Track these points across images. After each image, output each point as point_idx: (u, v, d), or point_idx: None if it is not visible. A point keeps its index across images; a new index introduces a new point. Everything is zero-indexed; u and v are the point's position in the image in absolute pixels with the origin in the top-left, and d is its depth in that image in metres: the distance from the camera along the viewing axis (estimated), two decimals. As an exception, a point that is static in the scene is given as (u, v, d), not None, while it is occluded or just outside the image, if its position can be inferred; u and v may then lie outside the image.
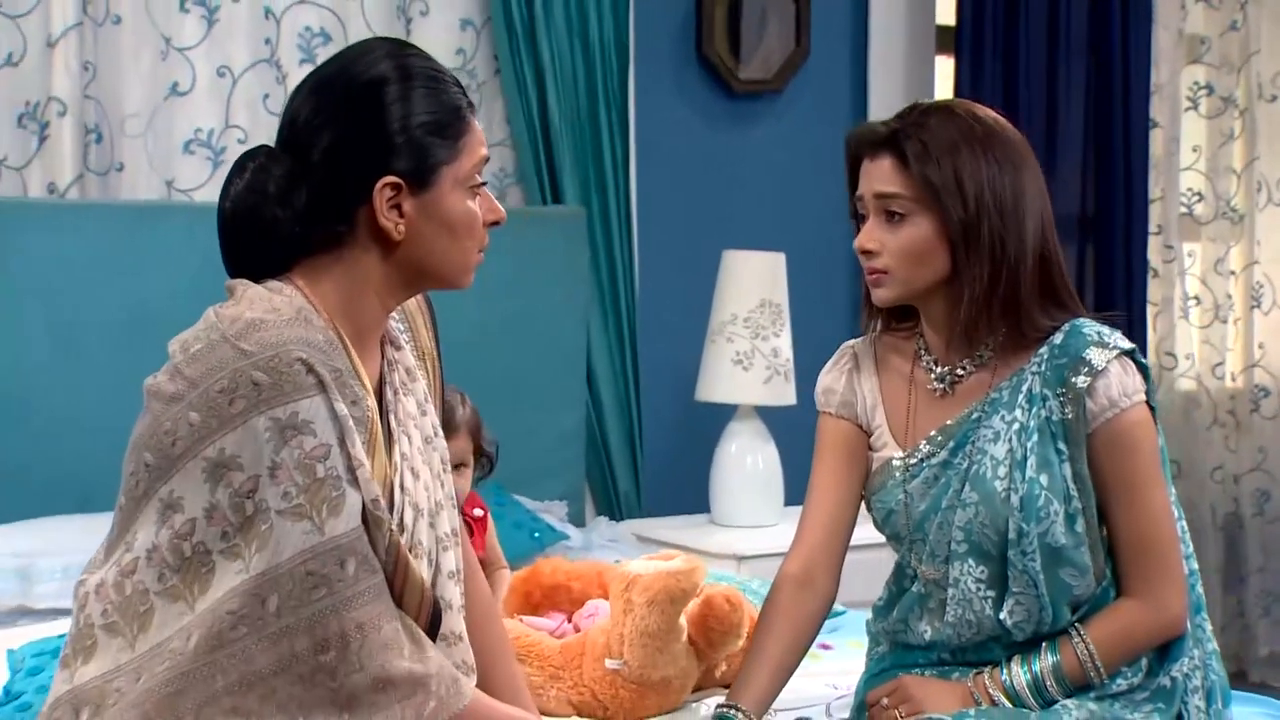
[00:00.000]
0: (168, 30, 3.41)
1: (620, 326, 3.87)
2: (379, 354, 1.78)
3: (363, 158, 1.67)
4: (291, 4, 3.54)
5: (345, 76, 1.70)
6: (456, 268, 1.75)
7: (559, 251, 3.71)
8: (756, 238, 3.91)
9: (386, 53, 1.72)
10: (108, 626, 1.62)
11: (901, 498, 2.03)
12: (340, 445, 1.61)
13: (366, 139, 1.67)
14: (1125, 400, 1.95)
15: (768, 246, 3.81)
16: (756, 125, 4.19)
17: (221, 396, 1.58)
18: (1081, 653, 1.96)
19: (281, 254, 1.70)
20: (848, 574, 2.11)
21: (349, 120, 1.68)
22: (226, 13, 3.46)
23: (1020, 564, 1.94)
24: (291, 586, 1.57)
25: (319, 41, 3.57)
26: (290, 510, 1.58)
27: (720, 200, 4.12)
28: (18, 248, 3.15)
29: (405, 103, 1.68)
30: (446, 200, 1.71)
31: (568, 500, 3.67)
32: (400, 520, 1.70)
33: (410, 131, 1.67)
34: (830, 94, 4.30)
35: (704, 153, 4.11)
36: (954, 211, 1.93)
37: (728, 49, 4.11)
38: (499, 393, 3.54)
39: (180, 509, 1.60)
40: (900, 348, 2.09)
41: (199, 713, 1.57)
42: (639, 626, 2.14)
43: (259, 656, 1.57)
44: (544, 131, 3.77)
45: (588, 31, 3.81)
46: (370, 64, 1.70)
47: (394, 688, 1.61)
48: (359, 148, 1.67)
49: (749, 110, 4.17)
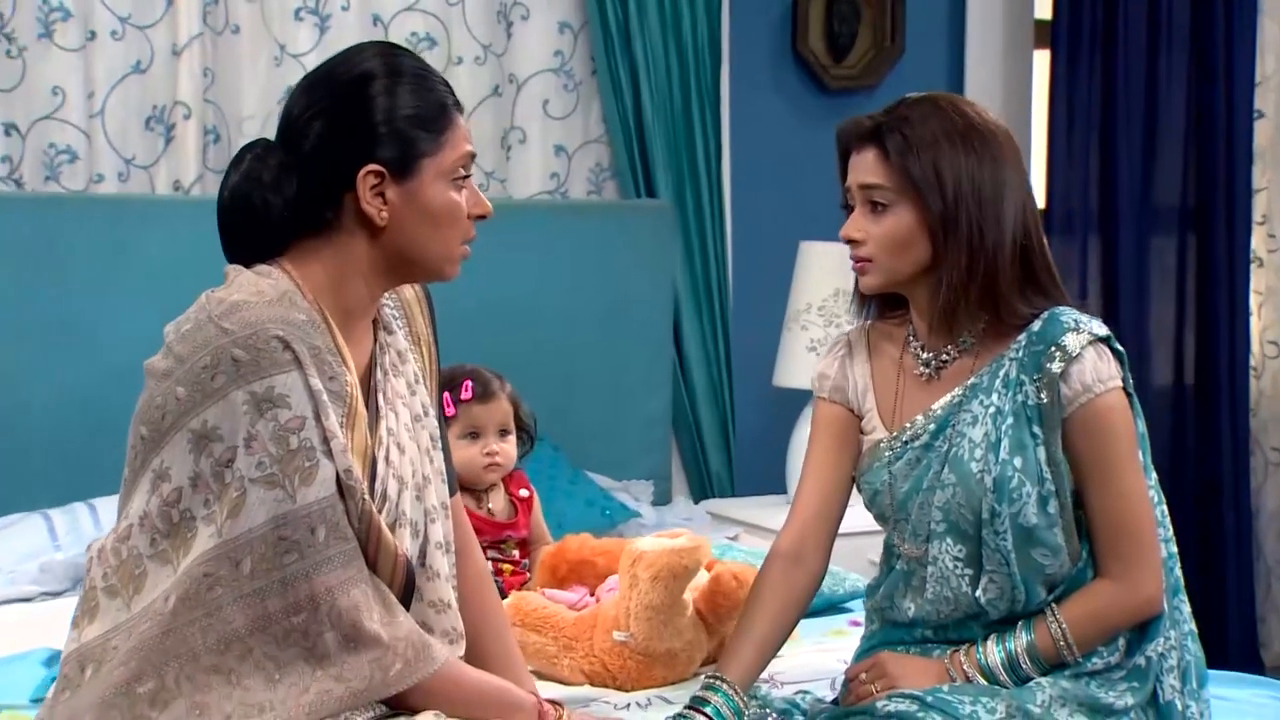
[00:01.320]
0: (283, 38, 3.68)
1: (712, 315, 4.05)
2: (370, 337, 1.88)
3: (349, 146, 1.77)
4: (398, 11, 3.79)
5: (337, 72, 1.81)
6: (439, 256, 1.84)
7: (648, 243, 3.89)
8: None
9: (376, 52, 1.83)
10: (108, 589, 1.73)
11: (886, 478, 2.10)
12: (315, 418, 1.69)
13: (353, 128, 1.77)
14: (1099, 385, 2.00)
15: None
16: (852, 121, 4.31)
17: (205, 372, 1.68)
18: (1055, 632, 2.02)
19: (273, 239, 1.80)
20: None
21: (337, 111, 1.78)
22: (337, 21, 3.72)
23: (993, 543, 2.00)
24: (265, 550, 1.66)
25: (424, 46, 3.81)
26: (263, 479, 1.67)
27: (809, 194, 4.26)
28: (146, 241, 3.41)
29: (390, 96, 1.78)
30: (428, 190, 1.80)
31: (654, 480, 3.87)
32: (383, 491, 1.79)
33: (395, 123, 1.77)
34: (926, 89, 4.38)
35: (796, 148, 4.24)
36: (932, 202, 2.00)
37: (823, 47, 4.25)
38: (589, 378, 3.78)
39: (168, 478, 1.70)
40: (892, 334, 2.17)
41: (180, 670, 1.66)
42: (643, 600, 2.26)
43: (236, 616, 1.66)
44: (638, 128, 3.96)
45: (681, 31, 3.98)
46: (360, 61, 1.81)
47: (363, 647, 1.69)
48: (345, 137, 1.77)
49: (842, 107, 4.29)
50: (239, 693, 1.67)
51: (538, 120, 3.94)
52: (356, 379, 1.79)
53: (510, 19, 3.91)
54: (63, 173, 3.50)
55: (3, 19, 3.42)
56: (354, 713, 1.71)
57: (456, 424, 2.67)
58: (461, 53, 3.86)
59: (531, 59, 3.93)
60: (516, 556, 2.71)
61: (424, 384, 1.96)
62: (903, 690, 1.99)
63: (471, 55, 3.87)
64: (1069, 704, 1.99)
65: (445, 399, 2.65)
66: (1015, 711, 1.95)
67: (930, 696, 1.96)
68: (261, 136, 1.89)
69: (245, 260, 1.82)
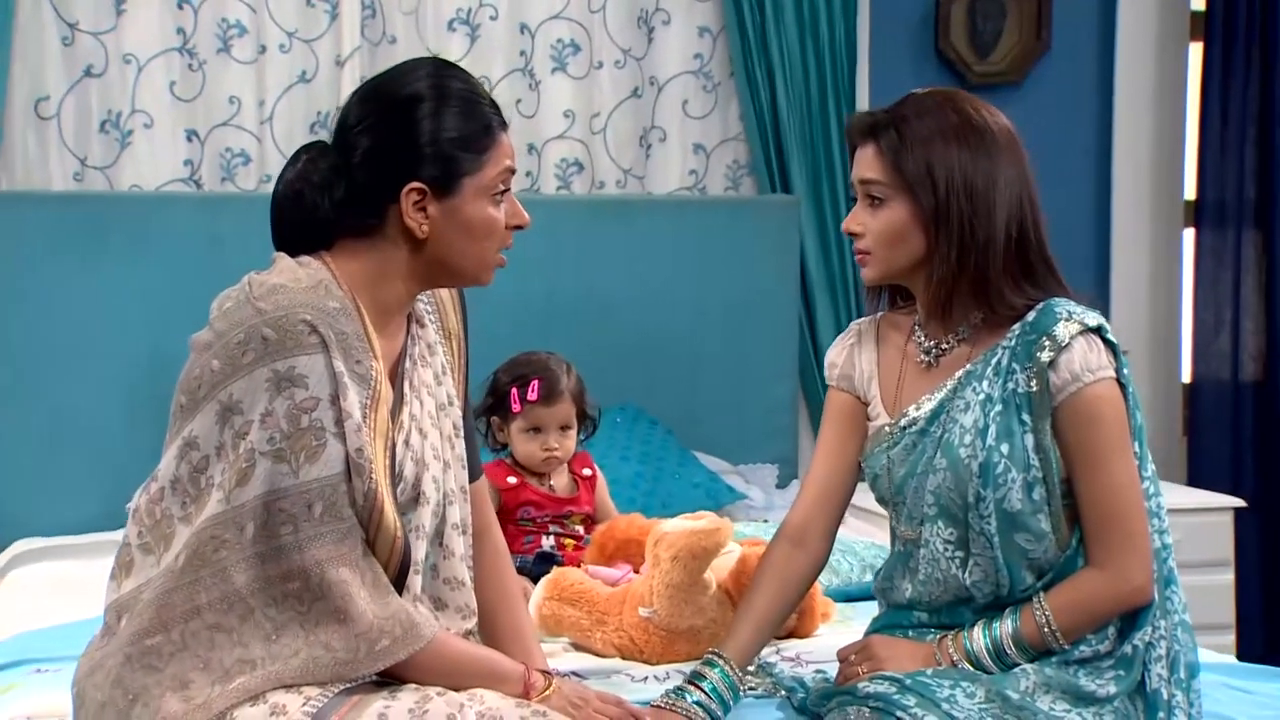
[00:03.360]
0: (436, 47, 3.95)
1: (847, 305, 4.18)
2: (404, 330, 1.98)
3: (394, 163, 1.88)
4: (545, 20, 4.04)
5: (389, 90, 1.91)
6: (475, 265, 1.94)
7: (774, 236, 4.06)
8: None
9: (428, 72, 1.92)
10: (142, 546, 1.83)
11: (885, 463, 2.16)
12: (332, 399, 1.78)
13: (399, 148, 1.88)
14: (1088, 375, 2.04)
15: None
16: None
17: (238, 348, 1.78)
18: (1040, 619, 2.05)
19: (319, 235, 1.90)
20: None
21: (386, 130, 1.88)
22: (486, 30, 4.00)
23: (978, 526, 2.06)
24: (266, 518, 1.76)
25: (569, 52, 4.06)
26: (272, 452, 1.76)
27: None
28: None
29: (436, 119, 1.88)
30: (468, 207, 1.90)
31: (778, 464, 4.04)
32: (401, 472, 1.88)
33: (439, 145, 1.87)
34: (1072, 84, 4.43)
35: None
36: (924, 197, 2.07)
37: (966, 44, 4.32)
38: (714, 364, 3.97)
39: (197, 446, 1.80)
40: (900, 324, 2.23)
41: (185, 625, 1.76)
42: (664, 579, 2.37)
43: (237, 576, 1.76)
44: (774, 127, 4.12)
45: (819, 32, 4.13)
46: (411, 81, 1.91)
47: (350, 622, 1.78)
48: (392, 155, 1.88)
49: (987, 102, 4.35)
50: (239, 650, 1.77)
51: (677, 120, 4.14)
52: (383, 366, 1.88)
53: (651, 24, 4.11)
54: (237, 174, 3.88)
55: (186, 35, 3.81)
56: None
57: (521, 419, 2.87)
58: (602, 57, 4.09)
59: (672, 61, 4.14)
60: (580, 532, 2.89)
61: (450, 376, 2.06)
62: (885, 673, 2.04)
63: (611, 59, 4.10)
64: (1053, 691, 2.02)
65: (513, 395, 2.87)
66: (995, 697, 1.98)
67: (910, 679, 2.00)
68: (319, 139, 2.02)
69: (292, 250, 1.92)
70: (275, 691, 1.77)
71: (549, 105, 4.06)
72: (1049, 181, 4.23)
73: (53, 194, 3.73)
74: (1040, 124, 4.36)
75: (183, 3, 3.80)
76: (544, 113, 4.06)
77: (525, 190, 4.06)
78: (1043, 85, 4.39)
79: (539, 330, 3.81)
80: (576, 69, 4.08)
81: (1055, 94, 4.40)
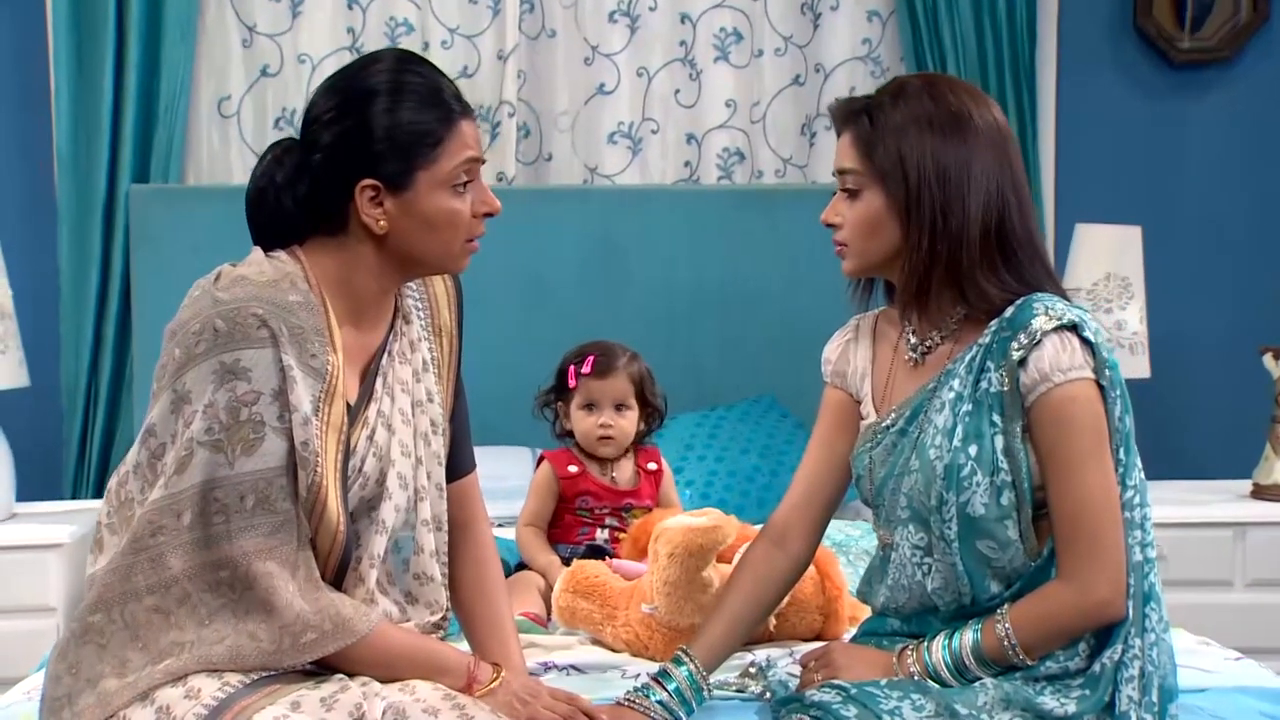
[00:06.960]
0: (595, 39, 3.99)
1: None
2: (385, 324, 1.99)
3: (349, 161, 1.88)
4: (706, 9, 4.01)
5: (347, 85, 1.92)
6: (440, 256, 1.94)
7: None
8: (1181, 213, 3.92)
9: (386, 66, 1.92)
10: (109, 525, 1.88)
11: (868, 463, 2.09)
12: (275, 394, 1.80)
13: (353, 145, 1.88)
14: (1059, 375, 1.94)
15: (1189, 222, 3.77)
16: (1202, 98, 4.06)
17: (193, 337, 1.81)
18: (1000, 632, 1.95)
19: (289, 231, 1.92)
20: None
21: (342, 126, 1.89)
22: (645, 20, 4.00)
23: (939, 530, 1.98)
24: (202, 507, 1.78)
25: (732, 40, 4.01)
26: (210, 443, 1.78)
27: (1143, 174, 4.06)
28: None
29: (391, 114, 1.88)
30: (424, 200, 1.89)
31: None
32: (359, 466, 1.90)
33: (393, 140, 1.87)
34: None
35: (1132, 126, 4.06)
36: (894, 187, 2.00)
37: (1170, 18, 4.02)
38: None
39: (155, 433, 1.84)
40: (897, 321, 2.15)
41: (124, 606, 1.80)
42: (662, 576, 2.31)
43: (174, 562, 1.79)
44: (947, 112, 3.95)
45: (996, 14, 3.94)
46: (368, 76, 1.91)
47: (276, 613, 1.80)
48: (347, 153, 1.88)
49: (1191, 82, 4.05)
50: (174, 632, 1.81)
51: (844, 107, 4.02)
52: (341, 360, 1.89)
53: (818, 10, 4.03)
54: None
55: (355, 35, 3.97)
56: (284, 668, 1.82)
57: (577, 395, 2.87)
58: (763, 45, 4.02)
59: (839, 48, 4.04)
60: (639, 525, 2.85)
61: (434, 372, 2.06)
62: (835, 681, 1.98)
63: (772, 47, 4.03)
64: (1012, 708, 1.92)
65: (570, 371, 2.88)
66: (944, 711, 1.90)
67: (855, 689, 1.93)
68: (289, 136, 2.01)
69: (268, 247, 1.94)
70: (198, 675, 1.80)
71: (710, 95, 4.03)
72: (1265, 169, 3.99)
73: (234, 188, 3.91)
74: (1256, 107, 4.04)
75: (353, 3, 3.96)
76: (705, 102, 4.03)
77: (684, 180, 4.04)
78: (1258, 63, 4.04)
79: (685, 320, 3.81)
80: (738, 58, 4.02)
81: (1275, 72, 4.05)
